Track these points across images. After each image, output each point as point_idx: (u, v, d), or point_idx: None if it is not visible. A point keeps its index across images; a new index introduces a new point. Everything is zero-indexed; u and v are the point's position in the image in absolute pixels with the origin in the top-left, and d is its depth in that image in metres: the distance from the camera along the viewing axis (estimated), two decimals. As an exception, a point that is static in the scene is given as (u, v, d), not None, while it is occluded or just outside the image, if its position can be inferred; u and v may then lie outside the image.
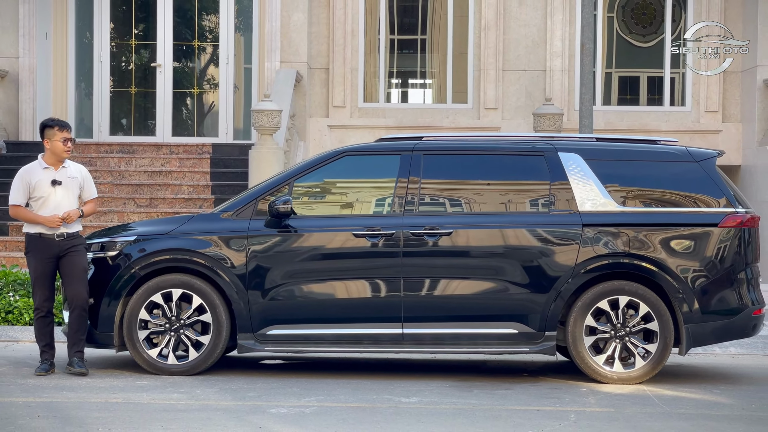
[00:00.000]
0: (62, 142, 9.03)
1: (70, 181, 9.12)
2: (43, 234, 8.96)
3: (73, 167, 9.26)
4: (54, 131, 9.04)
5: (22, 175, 9.07)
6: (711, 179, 9.22)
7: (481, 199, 9.26)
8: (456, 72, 18.35)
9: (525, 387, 8.87)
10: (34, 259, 8.98)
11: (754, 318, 9.15)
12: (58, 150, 9.03)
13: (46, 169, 9.06)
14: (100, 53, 17.98)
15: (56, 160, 9.08)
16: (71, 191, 9.10)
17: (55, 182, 9.04)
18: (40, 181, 9.01)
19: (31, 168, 9.09)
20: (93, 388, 8.43)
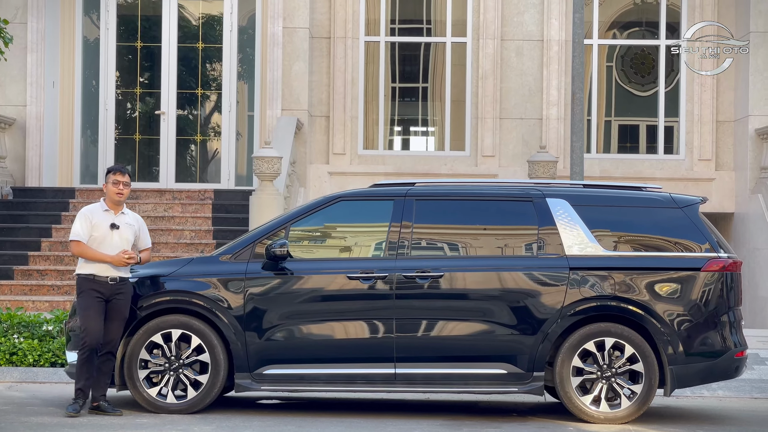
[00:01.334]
0: (113, 184, 9.29)
1: (127, 228, 9.36)
2: (96, 276, 9.16)
3: (131, 215, 9.53)
4: (109, 175, 9.34)
5: (85, 213, 9.30)
6: (694, 225, 9.52)
7: (472, 243, 9.57)
8: (454, 120, 18.74)
9: (514, 426, 9.12)
10: (88, 300, 9.12)
11: (736, 360, 9.41)
12: (111, 192, 9.30)
13: (107, 212, 9.33)
14: (105, 101, 18.40)
15: (113, 203, 9.33)
16: (127, 238, 9.33)
17: (114, 226, 9.29)
18: (99, 223, 9.26)
19: (93, 208, 9.36)
20: (94, 425, 8.70)
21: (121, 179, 9.33)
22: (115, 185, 9.31)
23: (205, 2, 18.71)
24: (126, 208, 9.50)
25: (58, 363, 11.55)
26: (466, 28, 18.56)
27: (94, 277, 9.17)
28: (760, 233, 17.24)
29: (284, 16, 17.69)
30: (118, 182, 9.31)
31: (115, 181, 9.32)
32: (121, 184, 9.32)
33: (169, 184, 18.07)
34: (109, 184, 9.34)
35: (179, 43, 18.43)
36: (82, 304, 9.18)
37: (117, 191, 9.32)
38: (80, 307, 9.20)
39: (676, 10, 18.79)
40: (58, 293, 14.92)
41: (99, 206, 9.38)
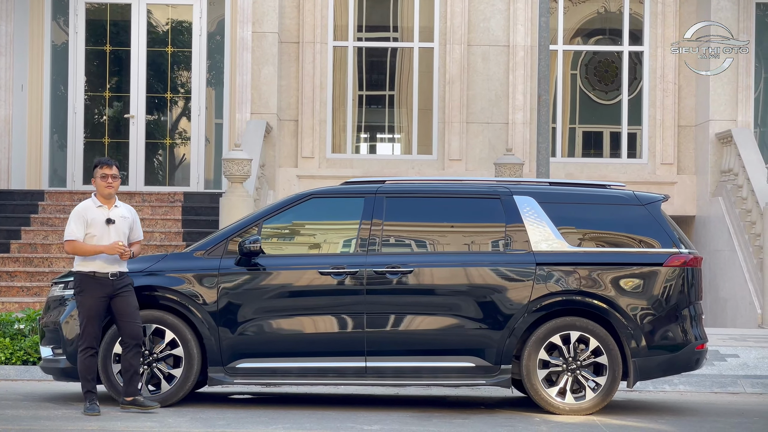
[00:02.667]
0: (101, 178, 9.22)
1: (122, 221, 9.31)
2: (97, 273, 9.09)
3: (124, 207, 9.46)
4: (97, 169, 9.27)
5: (79, 211, 9.21)
6: (657, 222, 9.78)
7: (441, 240, 9.78)
8: (421, 125, 18.98)
9: (481, 417, 9.33)
10: (88, 298, 9.08)
11: (697, 352, 9.68)
12: (100, 186, 9.24)
13: (100, 208, 9.25)
14: (74, 105, 18.48)
15: (104, 197, 9.27)
16: (123, 231, 9.30)
17: (110, 221, 9.22)
18: (95, 219, 9.18)
19: (86, 205, 9.26)
20: (69, 417, 8.82)
21: (109, 172, 9.26)
22: (104, 179, 9.24)
23: (174, 7, 18.85)
24: (118, 200, 9.45)
25: (30, 361, 11.63)
26: (434, 34, 18.83)
27: (94, 275, 9.10)
28: (721, 235, 17.59)
29: (253, 21, 17.86)
30: (106, 176, 9.24)
31: (103, 174, 9.25)
32: (109, 177, 9.25)
33: (139, 186, 18.18)
34: (97, 179, 9.27)
35: (148, 48, 18.56)
36: (83, 304, 9.10)
37: (106, 185, 9.24)
38: (81, 306, 9.11)
39: (639, 18, 19.15)
40: (28, 294, 14.98)
41: (91, 203, 9.29)
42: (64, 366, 9.51)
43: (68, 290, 9.68)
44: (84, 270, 9.16)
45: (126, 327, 9.13)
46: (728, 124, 18.00)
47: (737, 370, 11.96)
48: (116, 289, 9.16)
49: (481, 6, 18.69)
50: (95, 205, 9.29)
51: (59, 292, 9.74)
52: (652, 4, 18.88)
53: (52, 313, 9.69)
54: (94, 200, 9.33)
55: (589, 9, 19.62)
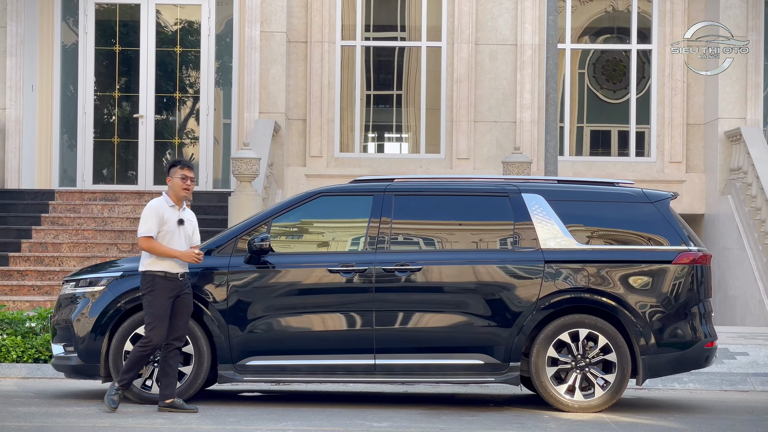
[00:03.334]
0: (181, 179, 9.16)
1: (189, 224, 9.30)
2: (168, 273, 9.04)
3: (189, 211, 9.44)
4: (176, 169, 9.20)
5: (155, 207, 9.13)
6: (665, 219, 9.79)
7: (450, 238, 9.81)
8: (429, 124, 19.00)
9: (490, 414, 9.36)
10: (160, 298, 9.02)
11: (706, 350, 9.69)
12: (177, 187, 9.18)
13: (173, 207, 9.20)
14: (84, 105, 18.54)
15: (178, 198, 9.23)
16: (189, 234, 9.29)
17: (181, 222, 9.22)
18: (169, 218, 9.12)
19: (160, 204, 9.18)
20: (81, 414, 8.87)
21: (189, 174, 9.19)
22: (183, 180, 9.17)
23: (183, 8, 18.90)
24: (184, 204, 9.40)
25: (42, 359, 11.69)
26: (441, 33, 18.85)
27: (165, 275, 9.05)
28: (730, 233, 17.59)
29: (261, 21, 17.91)
30: (186, 177, 9.17)
31: (183, 176, 9.18)
32: (188, 180, 9.19)
33: (148, 186, 18.24)
34: (175, 179, 9.17)
35: (157, 48, 18.62)
36: (153, 303, 9.03)
37: (184, 186, 9.17)
38: (151, 305, 9.03)
39: (647, 17, 19.15)
40: (39, 293, 15.04)
41: (164, 201, 9.19)
42: (76, 363, 9.57)
43: (79, 288, 9.74)
44: (155, 269, 9.07)
45: (178, 327, 9.13)
46: (737, 122, 17.99)
47: (747, 368, 11.97)
48: (182, 289, 9.16)
49: (488, 5, 18.71)
50: (168, 205, 9.20)
51: (70, 290, 9.80)
52: (661, 3, 18.88)
53: (64, 311, 9.75)
54: (167, 199, 9.23)
55: (597, 7, 19.63)
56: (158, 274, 9.07)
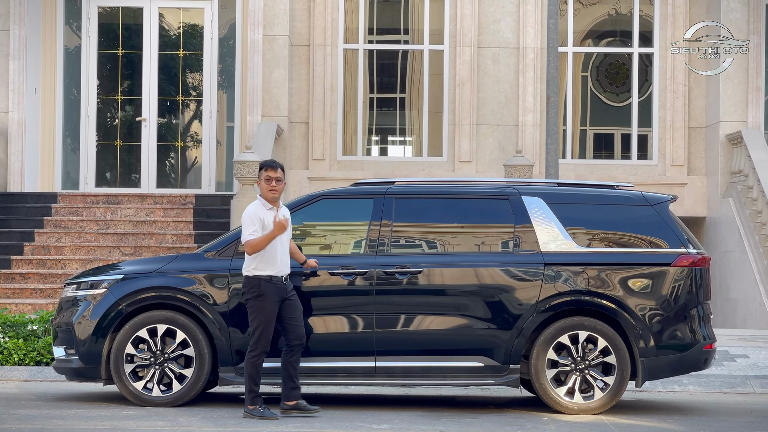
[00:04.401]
0: (266, 181, 9.13)
1: (286, 222, 9.26)
2: (273, 277, 9.03)
3: (284, 209, 9.42)
4: (261, 171, 9.18)
5: (255, 212, 9.08)
6: (665, 222, 9.83)
7: (450, 241, 9.84)
8: (431, 127, 19.04)
9: (490, 416, 9.39)
10: (269, 303, 9.03)
11: (705, 352, 9.72)
12: (263, 189, 9.16)
13: (270, 210, 9.18)
14: (87, 108, 18.61)
15: (270, 200, 9.18)
16: (288, 232, 9.27)
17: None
18: (269, 222, 9.08)
19: (257, 209, 9.12)
20: (82, 416, 8.91)
21: (273, 175, 9.13)
22: (268, 182, 9.12)
23: (186, 11, 18.96)
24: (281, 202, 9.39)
25: (43, 362, 11.73)
26: (444, 36, 18.89)
27: (271, 279, 9.05)
28: (731, 236, 17.61)
29: (264, 24, 17.95)
30: (270, 179, 9.13)
31: (267, 177, 9.12)
32: (273, 181, 9.13)
33: (151, 189, 18.29)
34: (261, 181, 9.14)
35: (160, 51, 18.67)
36: (262, 308, 9.03)
37: (269, 188, 9.13)
38: (259, 310, 9.03)
39: (649, 20, 19.18)
40: (41, 296, 15.10)
41: (261, 205, 9.15)
42: (77, 366, 9.61)
43: (81, 291, 9.78)
44: (261, 274, 9.05)
45: (294, 329, 9.15)
46: (738, 125, 18.02)
47: (747, 371, 11.99)
48: (288, 292, 9.18)
49: (491, 8, 18.75)
50: (266, 208, 9.16)
51: (72, 293, 9.84)
52: (662, 6, 18.91)
53: (65, 314, 9.79)
54: (263, 203, 9.19)
55: (599, 11, 19.66)
56: (264, 279, 9.06)
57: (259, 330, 9.05)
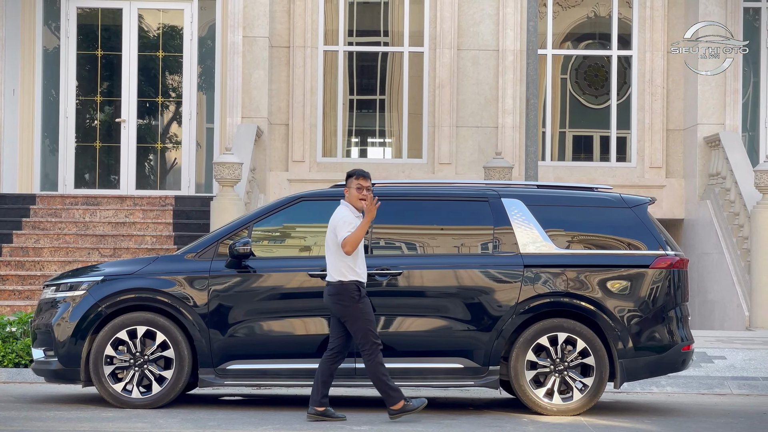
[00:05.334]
0: (356, 189, 9.14)
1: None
2: (359, 282, 9.08)
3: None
4: (352, 180, 9.19)
5: (348, 216, 9.08)
6: (643, 224, 9.89)
7: (430, 242, 9.87)
8: (411, 129, 19.08)
9: (470, 418, 9.43)
10: (366, 304, 9.06)
11: (683, 353, 9.78)
12: (354, 197, 9.16)
13: (358, 217, 9.17)
14: (66, 109, 18.55)
15: (357, 207, 9.18)
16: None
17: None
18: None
19: (349, 212, 9.14)
20: (61, 418, 8.89)
21: (365, 184, 9.17)
22: (359, 190, 9.14)
23: (165, 12, 18.93)
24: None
25: (22, 363, 11.69)
26: (423, 38, 18.93)
27: (363, 283, 9.11)
28: (709, 238, 17.71)
29: (244, 26, 17.95)
30: (361, 187, 9.15)
31: (359, 186, 9.16)
32: (364, 189, 9.17)
33: (130, 190, 18.25)
34: (352, 189, 9.17)
35: (140, 52, 18.63)
36: (364, 310, 9.04)
37: (360, 197, 9.15)
38: (362, 312, 9.02)
39: (628, 23, 19.28)
40: (19, 298, 15.04)
41: (349, 211, 9.15)
42: (56, 368, 9.59)
43: (60, 292, 9.76)
44: (354, 279, 9.06)
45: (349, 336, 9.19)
46: (716, 128, 18.12)
47: (724, 372, 12.07)
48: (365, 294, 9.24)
49: (470, 11, 18.80)
50: (354, 215, 9.17)
51: (51, 295, 9.82)
52: (641, 9, 19.01)
53: (44, 316, 9.77)
54: (351, 209, 9.18)
55: (578, 14, 19.74)
56: (360, 283, 9.09)
57: (364, 331, 9.04)
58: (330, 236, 9.10)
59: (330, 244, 9.10)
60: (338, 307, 9.05)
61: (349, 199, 9.22)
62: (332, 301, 9.07)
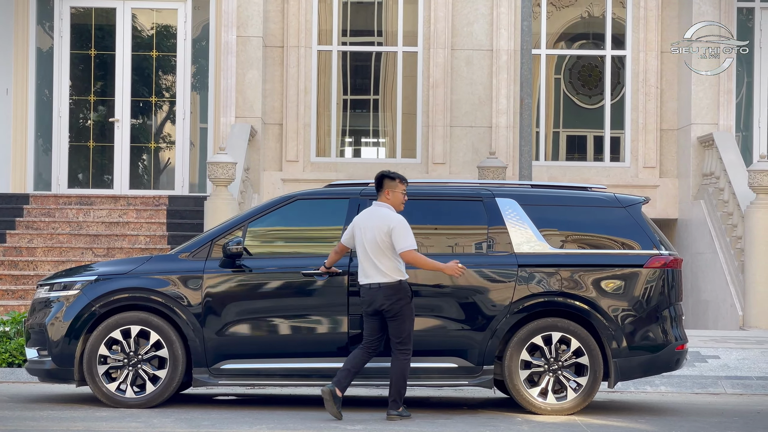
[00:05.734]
0: (403, 193, 9.32)
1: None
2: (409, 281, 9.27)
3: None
4: (396, 183, 9.30)
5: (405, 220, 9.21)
6: (637, 224, 9.89)
7: (424, 242, 9.84)
8: (405, 129, 19.08)
9: (464, 417, 9.43)
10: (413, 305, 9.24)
11: (677, 353, 9.79)
12: (396, 199, 9.28)
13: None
14: (59, 109, 18.52)
15: (399, 211, 9.34)
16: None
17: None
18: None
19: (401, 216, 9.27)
20: (55, 418, 8.88)
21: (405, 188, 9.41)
22: (404, 195, 9.37)
23: (159, 12, 18.91)
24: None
25: (16, 363, 11.67)
26: (417, 38, 18.93)
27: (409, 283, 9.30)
28: (702, 238, 17.73)
29: (238, 26, 17.94)
30: (405, 192, 9.37)
31: (404, 191, 9.36)
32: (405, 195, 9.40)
33: (123, 190, 18.23)
34: (398, 192, 9.31)
35: (133, 52, 18.62)
36: (413, 310, 9.22)
37: (404, 201, 9.36)
38: (412, 313, 9.21)
39: (622, 23, 19.29)
40: (13, 297, 15.01)
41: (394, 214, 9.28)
42: (50, 367, 9.57)
43: (54, 292, 9.74)
44: (407, 279, 9.24)
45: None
46: (710, 128, 18.15)
47: (718, 371, 12.08)
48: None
49: (464, 10, 18.81)
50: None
51: (45, 294, 9.80)
52: (635, 9, 19.03)
53: (38, 315, 9.75)
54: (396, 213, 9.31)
55: (572, 14, 19.75)
56: (409, 282, 9.27)
57: (408, 331, 9.16)
58: (382, 237, 9.10)
59: (382, 245, 9.10)
60: (397, 305, 9.11)
61: (392, 201, 9.30)
62: (392, 300, 9.09)
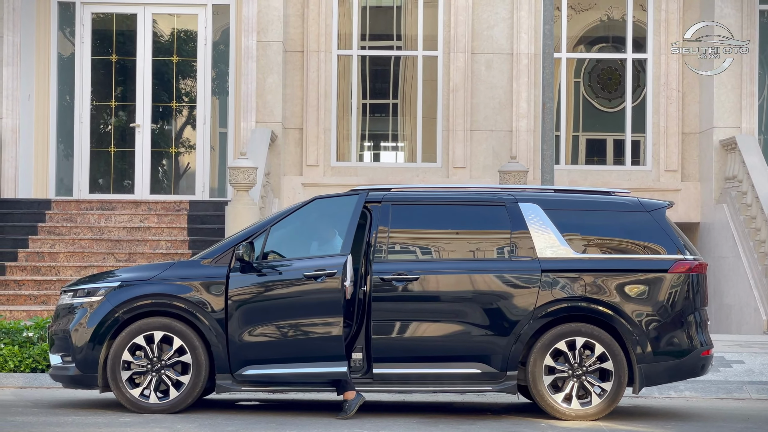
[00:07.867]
0: None
1: None
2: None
3: None
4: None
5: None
6: (661, 228, 9.84)
7: (447, 247, 9.84)
8: (425, 133, 19.05)
9: (487, 423, 9.39)
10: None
11: (702, 358, 9.72)
12: None
13: None
14: (80, 114, 18.57)
15: None
16: None
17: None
18: None
19: None
20: (79, 423, 8.89)
21: None
22: None
23: (179, 17, 18.95)
24: None
25: (39, 368, 11.70)
26: (437, 42, 18.90)
27: None
28: (725, 242, 17.64)
29: (258, 30, 17.96)
30: None
31: None
32: None
33: (144, 195, 18.26)
34: None
35: (154, 57, 18.66)
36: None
37: None
38: None
39: (642, 26, 19.22)
40: (36, 303, 15.05)
41: None
42: (74, 373, 9.58)
43: (77, 298, 9.76)
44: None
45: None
46: (732, 131, 18.05)
47: (743, 376, 12.00)
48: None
49: (484, 14, 18.77)
50: None
51: (68, 300, 9.82)
52: (656, 12, 18.95)
53: (62, 321, 9.77)
54: None
55: (592, 17, 19.69)
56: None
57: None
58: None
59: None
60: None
61: None
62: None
